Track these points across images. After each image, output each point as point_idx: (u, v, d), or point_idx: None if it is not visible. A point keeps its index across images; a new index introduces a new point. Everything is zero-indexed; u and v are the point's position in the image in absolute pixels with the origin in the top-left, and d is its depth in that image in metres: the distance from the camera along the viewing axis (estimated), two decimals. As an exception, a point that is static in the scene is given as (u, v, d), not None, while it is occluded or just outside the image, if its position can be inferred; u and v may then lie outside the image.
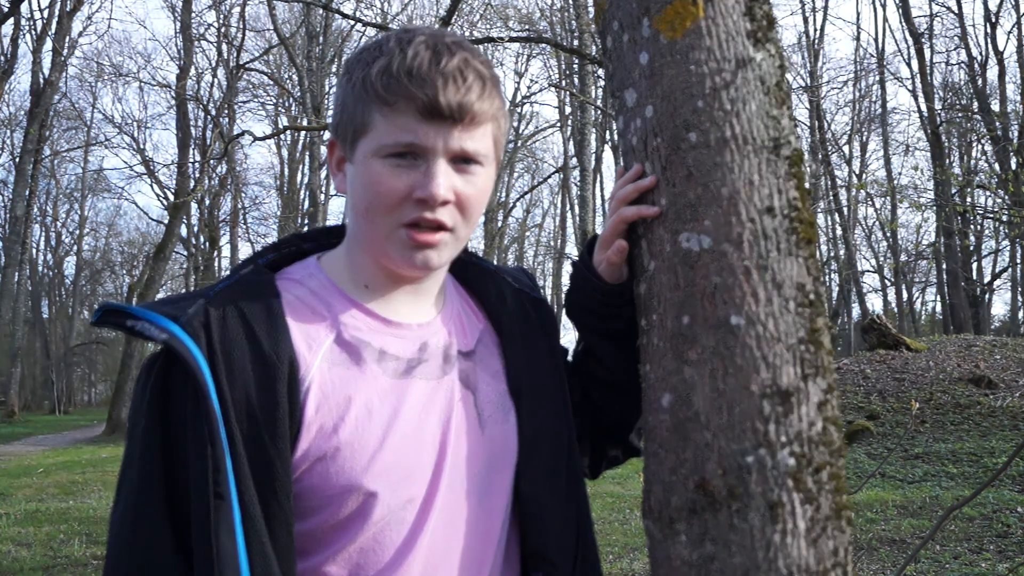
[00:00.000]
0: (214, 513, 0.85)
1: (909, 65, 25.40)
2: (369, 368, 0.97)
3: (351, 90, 0.97)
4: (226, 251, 30.34)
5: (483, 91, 0.96)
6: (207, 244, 27.88)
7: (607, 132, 25.56)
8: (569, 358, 1.20)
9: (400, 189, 0.95)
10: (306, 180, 26.00)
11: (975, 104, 22.38)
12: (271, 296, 0.97)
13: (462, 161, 0.97)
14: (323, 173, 24.96)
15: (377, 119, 0.95)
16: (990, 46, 22.48)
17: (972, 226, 23.00)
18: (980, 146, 24.68)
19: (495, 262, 1.19)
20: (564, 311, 1.18)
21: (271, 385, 0.90)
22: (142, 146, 36.58)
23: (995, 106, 21.76)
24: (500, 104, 1.00)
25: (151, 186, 45.56)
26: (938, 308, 29.16)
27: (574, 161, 21.87)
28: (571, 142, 25.19)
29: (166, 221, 21.77)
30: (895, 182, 25.63)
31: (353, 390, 0.95)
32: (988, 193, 19.44)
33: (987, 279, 25.96)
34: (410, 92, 0.92)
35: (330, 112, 1.06)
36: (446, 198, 0.95)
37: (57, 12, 20.77)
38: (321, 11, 20.20)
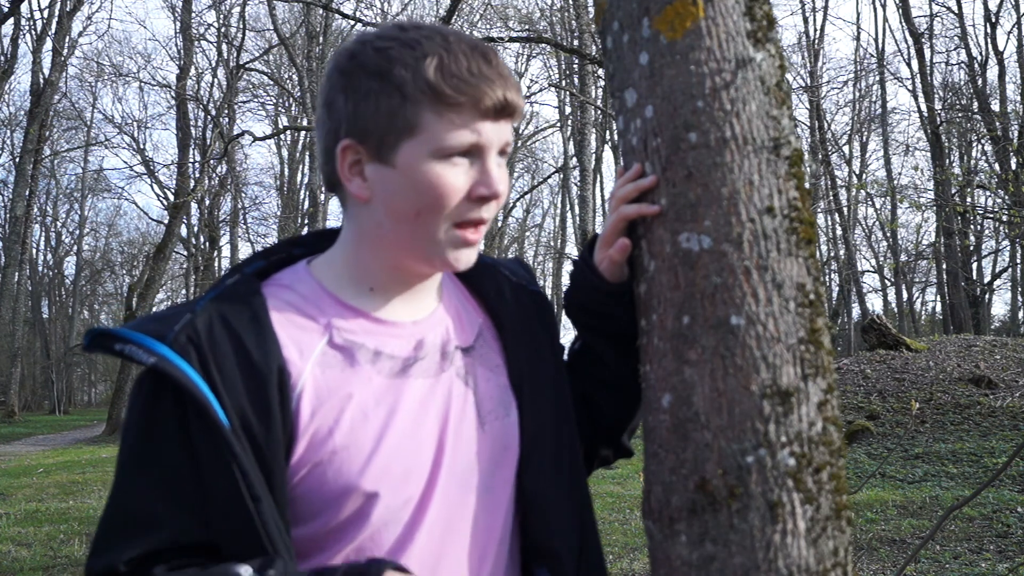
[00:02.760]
0: (257, 516, 0.86)
1: (909, 65, 25.39)
2: (363, 370, 0.97)
3: (393, 90, 0.93)
4: (226, 251, 30.35)
5: (518, 87, 0.98)
6: (207, 244, 27.85)
7: (607, 132, 25.55)
8: (565, 356, 1.20)
9: (461, 189, 0.95)
10: (306, 180, 26.02)
11: (975, 104, 22.39)
12: (257, 304, 0.96)
13: (500, 155, 0.99)
14: (323, 173, 24.89)
15: (429, 119, 0.93)
16: (990, 46, 22.50)
17: (972, 226, 22.98)
18: (980, 146, 24.69)
19: (490, 257, 1.19)
20: (564, 310, 1.18)
21: (262, 394, 0.90)
22: (142, 146, 36.46)
23: (995, 106, 21.77)
24: None
25: (151, 186, 45.67)
26: (938, 308, 29.16)
27: (574, 161, 21.87)
28: (571, 142, 25.19)
29: (166, 221, 21.77)
30: (895, 182, 25.61)
31: (347, 393, 0.95)
32: (988, 193, 19.44)
33: (987, 279, 25.96)
34: (479, 91, 0.93)
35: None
36: (504, 192, 0.97)
37: (57, 12, 20.78)
38: (321, 11, 20.20)
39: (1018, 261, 26.01)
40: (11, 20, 19.95)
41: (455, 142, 0.93)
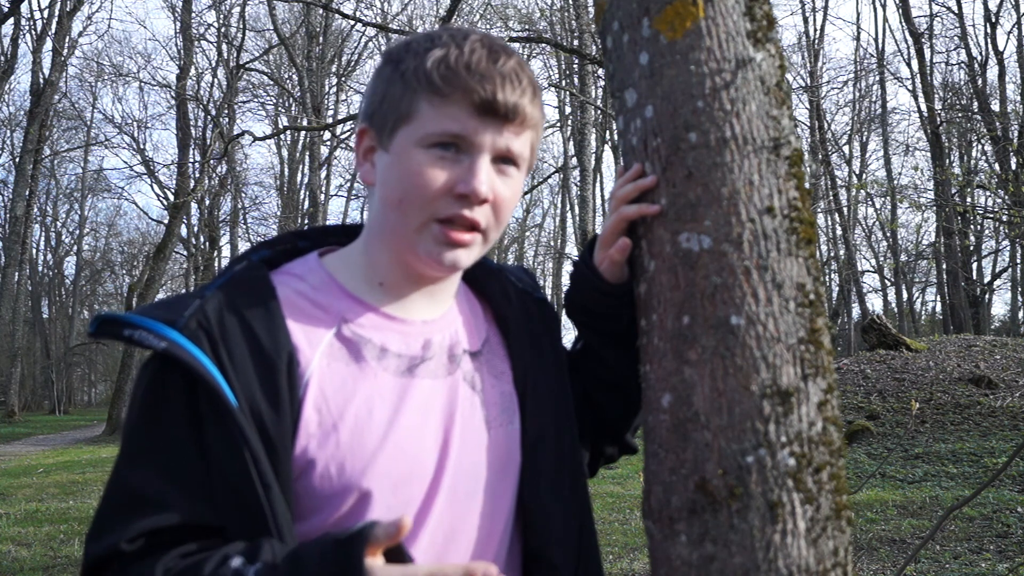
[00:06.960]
0: (267, 504, 0.86)
1: (909, 65, 25.36)
2: (369, 366, 0.97)
3: (398, 78, 0.97)
4: (226, 251, 30.32)
5: (534, 96, 0.98)
6: (207, 244, 27.84)
7: (607, 132, 25.54)
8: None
9: (441, 182, 0.94)
10: (306, 180, 25.98)
11: (975, 104, 22.38)
12: (267, 292, 0.96)
13: (503, 161, 0.98)
14: (323, 173, 24.94)
15: (424, 108, 0.95)
16: (990, 46, 22.50)
17: (972, 226, 22.99)
18: (980, 146, 24.69)
19: (495, 262, 1.19)
20: (564, 311, 1.18)
21: (272, 380, 0.89)
22: (142, 146, 36.43)
23: (995, 106, 21.78)
24: (542, 114, 1.02)
25: (151, 186, 45.71)
26: (938, 308, 29.17)
27: (574, 161, 21.84)
28: (571, 142, 25.15)
29: (166, 221, 21.78)
30: (895, 182, 25.62)
31: (353, 388, 0.95)
32: (988, 193, 19.44)
33: (987, 279, 25.97)
34: (469, 85, 0.93)
35: (330, 112, 1.05)
36: (487, 196, 0.95)
37: (57, 12, 20.79)
38: (321, 11, 20.20)
39: (1018, 261, 26.01)
40: (11, 20, 19.96)
41: (436, 129, 0.94)
